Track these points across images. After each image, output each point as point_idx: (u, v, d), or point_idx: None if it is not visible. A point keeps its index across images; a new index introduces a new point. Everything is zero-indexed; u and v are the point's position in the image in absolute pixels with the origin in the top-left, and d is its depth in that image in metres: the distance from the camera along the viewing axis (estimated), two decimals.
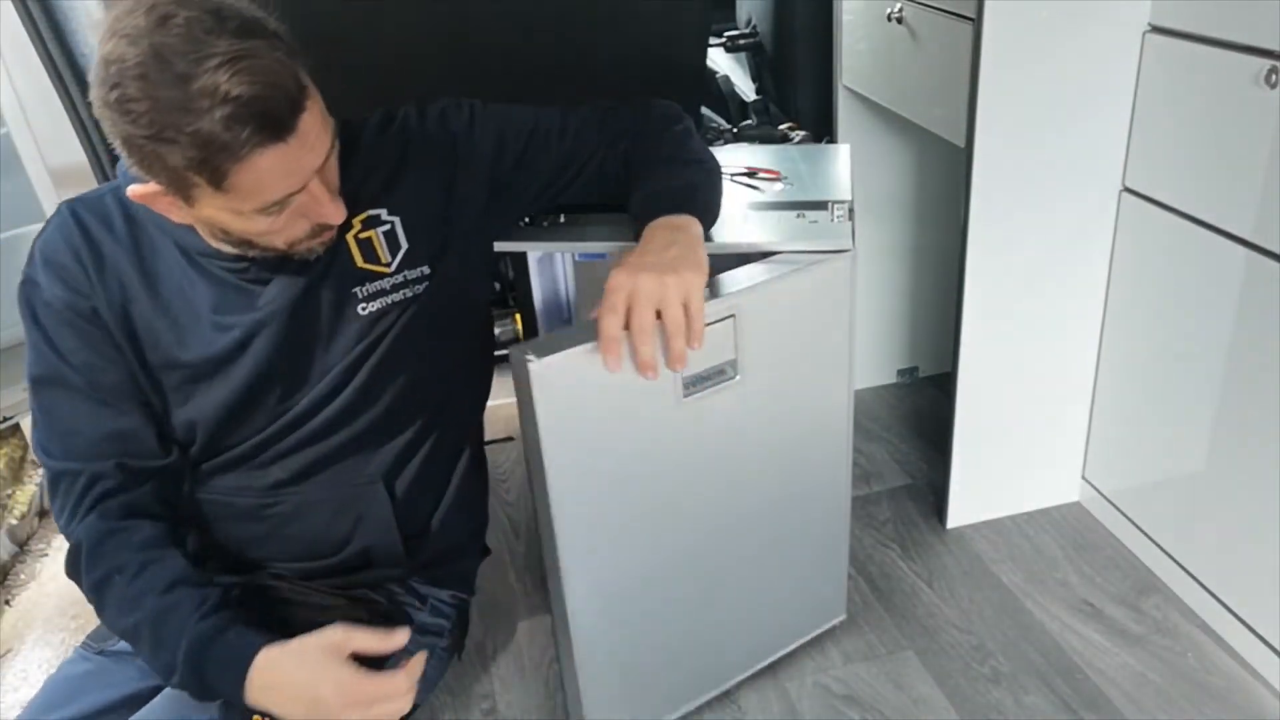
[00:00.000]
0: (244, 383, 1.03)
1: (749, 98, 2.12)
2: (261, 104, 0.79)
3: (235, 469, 1.09)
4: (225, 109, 0.78)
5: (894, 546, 1.56)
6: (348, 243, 1.03)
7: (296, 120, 0.83)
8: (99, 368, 1.01)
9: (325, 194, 0.91)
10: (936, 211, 1.83)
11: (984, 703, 1.28)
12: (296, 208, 0.89)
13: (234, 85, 0.78)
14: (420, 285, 1.07)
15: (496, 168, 1.10)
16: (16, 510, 1.81)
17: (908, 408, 1.93)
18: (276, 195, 0.86)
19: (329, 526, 1.12)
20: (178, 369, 1.02)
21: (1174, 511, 1.41)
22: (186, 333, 1.01)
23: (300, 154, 0.85)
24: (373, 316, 1.05)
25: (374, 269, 1.04)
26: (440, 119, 1.10)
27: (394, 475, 1.13)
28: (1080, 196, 1.37)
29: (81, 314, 0.99)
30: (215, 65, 0.78)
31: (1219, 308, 1.23)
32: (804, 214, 1.20)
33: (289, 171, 0.85)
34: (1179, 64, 1.23)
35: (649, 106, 1.17)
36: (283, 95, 0.81)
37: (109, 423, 1.02)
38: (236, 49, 0.79)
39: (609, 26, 1.55)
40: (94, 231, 1.00)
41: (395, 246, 1.05)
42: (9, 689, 1.45)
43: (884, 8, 1.50)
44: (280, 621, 1.10)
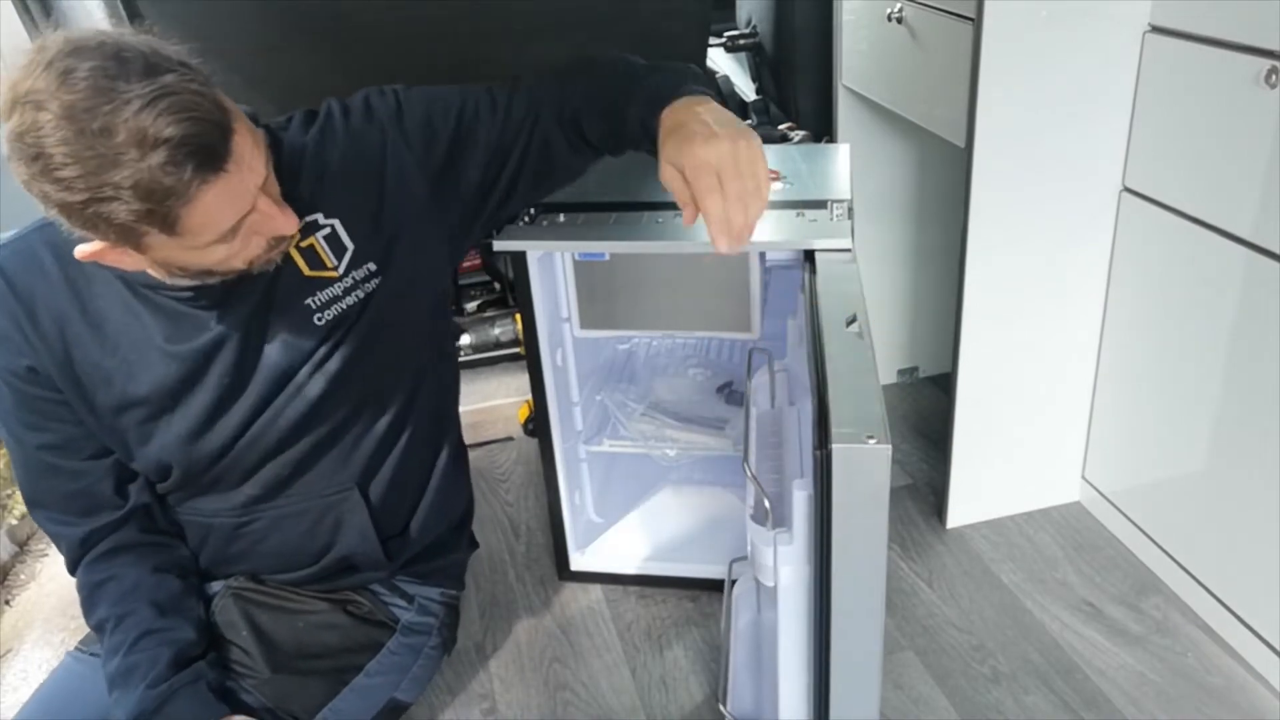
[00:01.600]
0: (205, 409, 1.01)
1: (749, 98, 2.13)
2: (194, 140, 0.77)
3: (207, 493, 1.09)
4: (159, 154, 0.75)
5: (894, 546, 1.56)
6: (290, 253, 1.00)
7: (229, 146, 0.80)
8: (43, 428, 1.01)
9: (273, 207, 0.89)
10: (936, 211, 1.83)
11: (984, 703, 1.28)
12: (249, 227, 0.88)
13: (160, 127, 0.75)
14: (371, 283, 1.04)
15: (431, 151, 1.06)
16: (16, 510, 1.81)
17: (908, 408, 1.93)
18: (228, 224, 0.84)
19: (307, 537, 1.12)
20: (135, 407, 1.01)
21: (1174, 511, 1.41)
22: (138, 368, 0.99)
23: (241, 178, 0.83)
24: (330, 324, 1.03)
25: (322, 275, 1.02)
26: (365, 111, 1.06)
27: (369, 479, 1.12)
28: (1080, 196, 1.37)
29: (18, 374, 0.98)
30: (134, 111, 0.75)
31: (1219, 308, 1.23)
32: (804, 213, 1.20)
33: (235, 197, 0.83)
34: (1179, 64, 1.23)
35: (564, 64, 1.09)
36: (211, 125, 0.78)
37: (66, 484, 1.05)
38: (150, 89, 0.75)
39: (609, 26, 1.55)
40: (20, 282, 0.96)
41: (340, 249, 1.02)
42: (9, 689, 1.45)
43: (884, 8, 1.50)
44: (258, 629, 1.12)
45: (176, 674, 1.02)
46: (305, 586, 1.17)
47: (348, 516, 1.11)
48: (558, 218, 1.27)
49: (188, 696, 1.02)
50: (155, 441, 1.03)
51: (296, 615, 1.16)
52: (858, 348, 0.90)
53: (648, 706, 1.32)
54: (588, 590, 1.53)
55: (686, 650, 1.40)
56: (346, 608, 1.18)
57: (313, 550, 1.13)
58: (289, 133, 1.03)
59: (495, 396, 2.00)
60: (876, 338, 0.94)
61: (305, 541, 1.12)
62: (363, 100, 1.06)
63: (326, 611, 1.17)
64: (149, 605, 1.05)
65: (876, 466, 0.77)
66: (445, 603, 1.28)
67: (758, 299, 1.32)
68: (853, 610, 0.84)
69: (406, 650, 1.22)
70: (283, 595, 1.16)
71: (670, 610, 1.48)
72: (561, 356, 1.42)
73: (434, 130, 1.06)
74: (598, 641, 1.43)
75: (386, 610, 1.21)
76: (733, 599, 1.36)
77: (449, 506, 1.25)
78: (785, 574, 0.96)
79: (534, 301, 1.30)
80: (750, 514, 1.02)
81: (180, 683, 1.02)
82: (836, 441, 0.77)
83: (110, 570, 1.07)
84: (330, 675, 1.14)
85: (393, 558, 1.17)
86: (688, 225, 0.89)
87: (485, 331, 2.05)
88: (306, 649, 1.14)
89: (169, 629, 1.05)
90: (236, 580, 1.16)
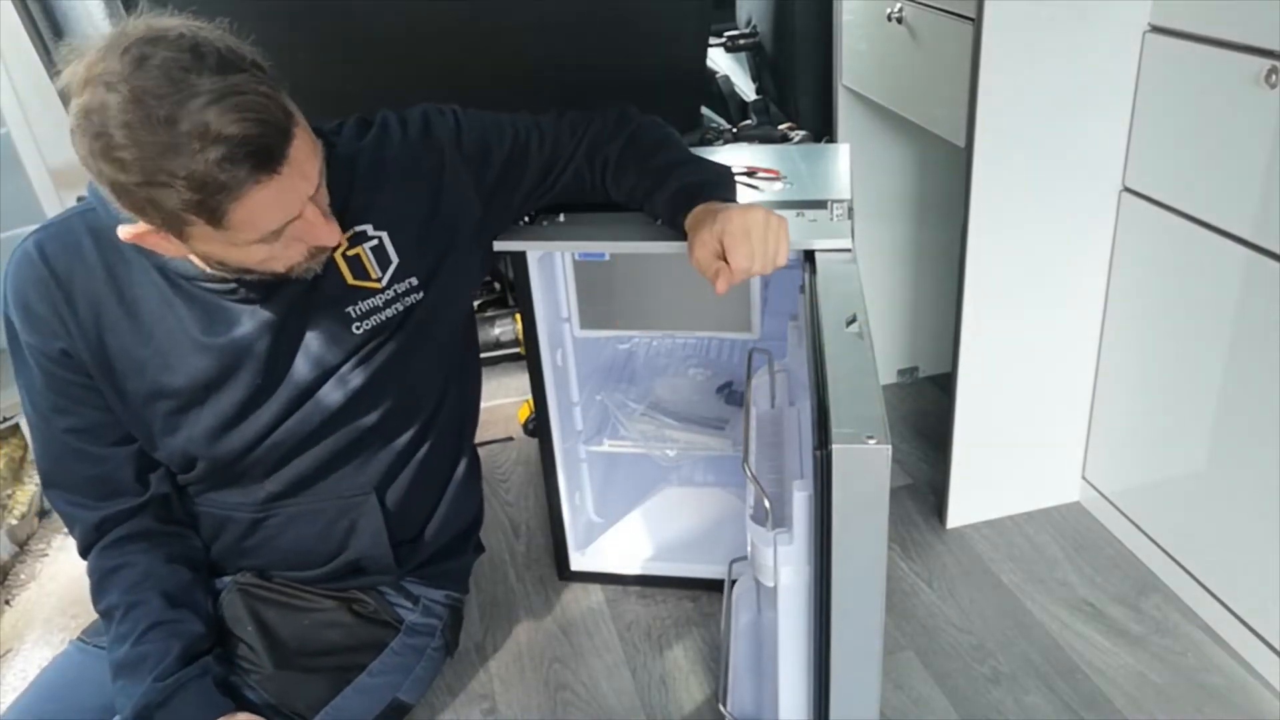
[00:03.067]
0: (234, 405, 1.02)
1: (749, 98, 2.13)
2: (254, 140, 0.78)
3: (228, 486, 1.09)
4: (218, 149, 0.77)
5: (894, 546, 1.56)
6: (335, 260, 1.01)
7: (287, 150, 0.82)
8: (70, 411, 1.02)
9: (319, 217, 0.90)
10: (936, 211, 1.83)
11: (984, 703, 1.28)
12: (292, 233, 0.88)
13: (224, 124, 0.76)
14: (413, 297, 1.06)
15: (484, 175, 1.10)
16: (16, 510, 1.81)
17: (908, 408, 1.93)
18: (273, 225, 0.85)
19: (321, 537, 1.12)
20: (165, 398, 1.01)
21: (1174, 511, 1.41)
22: (172, 358, 0.99)
23: (294, 183, 0.84)
24: (367, 334, 1.04)
25: (365, 285, 1.03)
26: (424, 127, 1.08)
27: (386, 485, 1.13)
28: (1080, 196, 1.37)
29: (50, 357, 0.98)
30: (201, 105, 0.76)
31: (1219, 308, 1.23)
32: (804, 213, 1.20)
33: (284, 202, 0.84)
34: (1179, 64, 1.23)
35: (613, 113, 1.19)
36: (273, 128, 0.80)
37: (89, 468, 1.05)
38: (220, 86, 0.77)
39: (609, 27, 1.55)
40: (60, 264, 0.97)
41: (385, 261, 1.04)
42: (9, 689, 1.45)
43: (884, 8, 1.50)
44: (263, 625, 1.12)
45: (184, 668, 1.02)
46: (313, 585, 1.17)
47: (362, 520, 1.12)
48: (558, 218, 1.27)
49: (194, 691, 1.02)
50: (182, 434, 1.03)
51: (302, 612, 1.16)
52: (858, 348, 0.90)
53: (648, 706, 1.32)
54: (588, 590, 1.53)
55: (686, 650, 1.40)
56: (352, 606, 1.18)
57: (325, 551, 1.13)
58: (341, 140, 1.04)
59: (495, 396, 2.00)
60: (876, 338, 0.94)
61: (319, 542, 1.13)
62: (421, 116, 1.09)
63: (332, 610, 1.17)
64: (159, 595, 1.05)
65: (876, 466, 0.77)
66: (449, 605, 1.28)
67: (758, 299, 1.32)
68: (853, 610, 0.84)
69: (410, 651, 1.22)
70: (289, 592, 1.16)
71: (670, 610, 1.48)
72: (561, 356, 1.42)
73: (489, 153, 1.10)
74: (598, 642, 1.43)
75: (391, 610, 1.21)
76: (733, 599, 1.36)
77: (461, 515, 1.26)
78: (785, 574, 0.96)
79: (534, 301, 1.30)
80: (750, 514, 1.02)
81: (187, 677, 1.02)
82: (836, 441, 0.77)
83: (123, 557, 1.06)
84: (334, 673, 1.14)
85: (402, 563, 1.18)
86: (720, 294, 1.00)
87: (485, 331, 2.05)
88: (310, 646, 1.14)
89: (178, 621, 1.05)
90: (244, 576, 1.17)
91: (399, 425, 1.11)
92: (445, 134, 1.08)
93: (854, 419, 0.79)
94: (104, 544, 1.07)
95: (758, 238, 0.97)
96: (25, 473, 1.92)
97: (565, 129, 1.15)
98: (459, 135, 1.09)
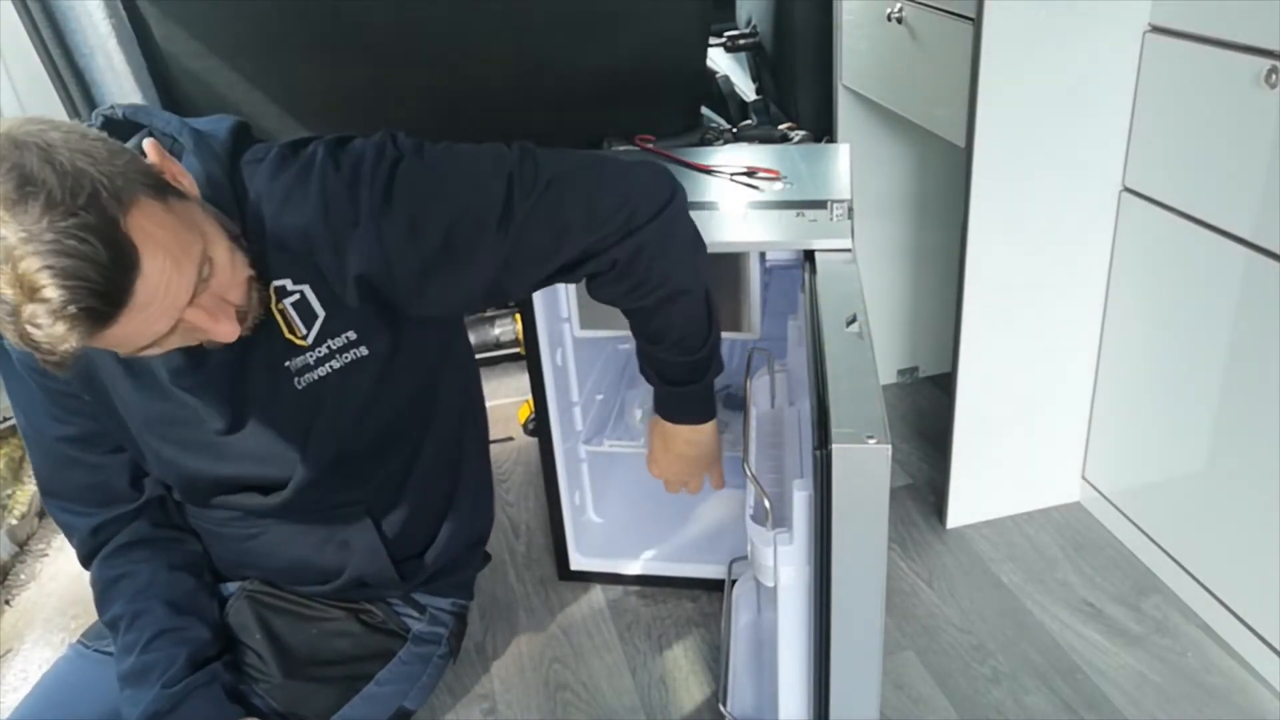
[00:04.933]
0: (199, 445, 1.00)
1: (749, 98, 2.12)
2: (80, 303, 0.69)
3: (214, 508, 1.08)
4: (39, 316, 0.68)
5: (894, 546, 1.56)
6: (274, 313, 0.94)
7: (129, 289, 0.72)
8: (65, 421, 1.01)
9: (205, 318, 0.81)
10: (936, 211, 1.83)
11: (984, 703, 1.28)
12: (183, 334, 0.82)
13: (42, 283, 0.67)
14: (353, 352, 0.97)
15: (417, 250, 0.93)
16: (16, 510, 1.81)
17: (908, 408, 1.93)
18: (143, 344, 0.79)
19: (316, 554, 1.11)
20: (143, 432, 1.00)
21: (1174, 511, 1.41)
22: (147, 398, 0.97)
23: (145, 310, 0.75)
24: (310, 390, 0.97)
25: (295, 342, 0.95)
26: (353, 178, 0.91)
27: (380, 503, 1.10)
28: (1080, 196, 1.37)
29: (37, 369, 0.96)
30: (22, 256, 0.67)
31: (1219, 308, 1.23)
32: (804, 213, 1.20)
33: (139, 331, 0.76)
34: (1179, 64, 1.23)
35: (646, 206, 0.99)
36: (101, 278, 0.69)
37: (84, 476, 1.05)
38: (42, 235, 0.67)
39: (610, 26, 1.55)
40: None
41: (310, 316, 0.94)
42: (9, 689, 1.45)
43: (884, 8, 1.50)
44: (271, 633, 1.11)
45: (192, 674, 1.02)
46: (320, 598, 1.17)
47: (356, 539, 1.10)
48: None
49: (202, 698, 1.02)
50: (158, 465, 1.03)
51: (310, 621, 1.15)
52: (858, 348, 0.90)
53: (648, 706, 1.32)
54: (588, 590, 1.53)
55: (686, 650, 1.40)
56: (359, 616, 1.18)
57: (324, 567, 1.12)
58: (257, 178, 0.91)
59: (495, 396, 2.00)
60: (876, 338, 0.94)
61: (314, 558, 1.11)
62: (353, 162, 0.92)
63: (340, 619, 1.16)
64: (163, 604, 1.05)
65: (876, 466, 0.77)
66: (455, 613, 1.28)
67: (758, 299, 1.32)
68: (853, 610, 0.84)
69: (417, 660, 1.22)
70: (297, 600, 1.16)
71: (670, 610, 1.48)
72: (561, 356, 1.42)
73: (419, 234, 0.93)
74: (598, 642, 1.43)
75: (399, 620, 1.21)
76: (733, 599, 1.36)
77: (468, 532, 1.24)
78: (785, 574, 0.96)
79: (534, 301, 1.30)
80: (750, 514, 1.02)
81: (195, 684, 1.02)
82: (836, 441, 0.77)
83: (125, 566, 1.06)
84: (341, 683, 1.14)
85: (407, 579, 1.17)
86: None
87: (485, 331, 2.05)
88: (319, 655, 1.14)
89: (184, 628, 1.05)
90: (251, 583, 1.16)
91: (382, 455, 1.07)
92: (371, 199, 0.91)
93: (854, 419, 0.79)
94: (105, 553, 1.07)
95: (674, 472, 1.21)
96: (25, 473, 1.92)
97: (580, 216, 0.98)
98: (388, 204, 0.91)
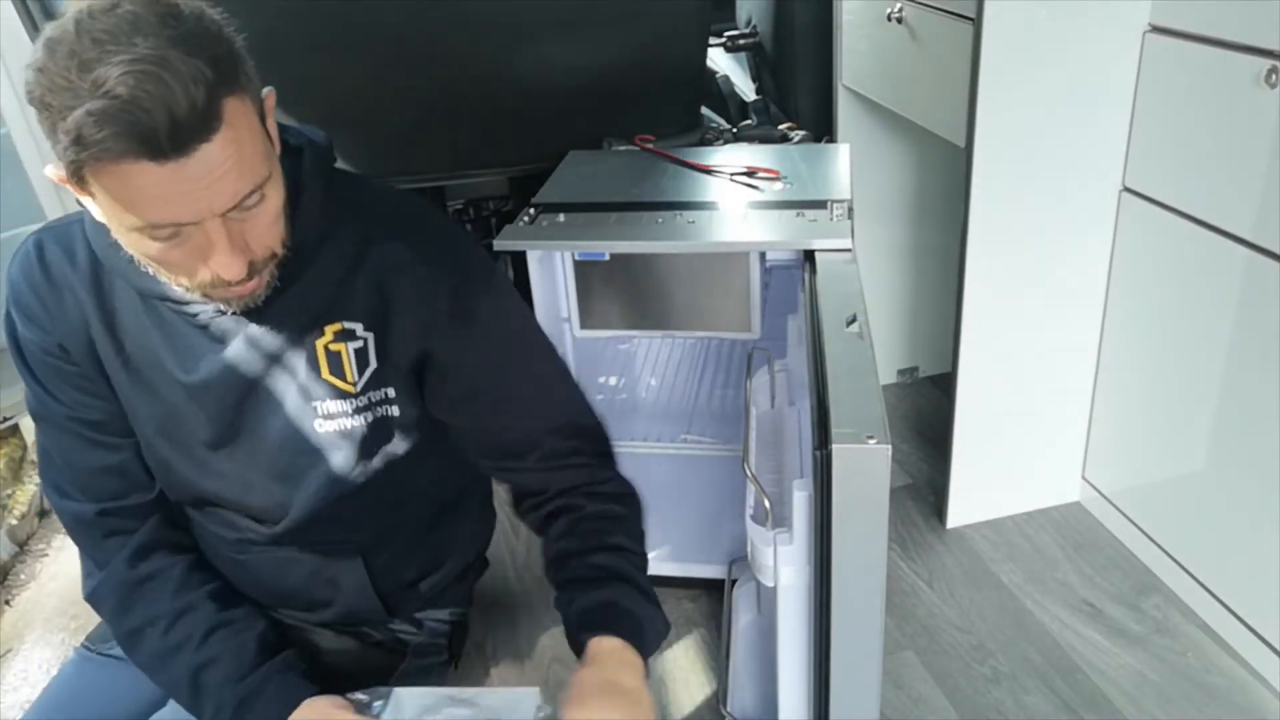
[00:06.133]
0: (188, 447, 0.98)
1: (749, 98, 2.13)
2: (135, 113, 0.71)
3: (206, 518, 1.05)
4: (97, 104, 0.71)
5: (894, 546, 1.56)
6: (315, 348, 0.94)
7: (186, 147, 0.74)
8: (83, 404, 0.98)
9: (224, 240, 0.80)
10: (936, 211, 1.83)
11: (984, 703, 1.28)
12: (191, 248, 0.81)
13: (119, 85, 0.71)
14: (389, 408, 0.98)
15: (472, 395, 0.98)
16: (16, 510, 1.81)
17: (908, 408, 1.93)
18: (158, 218, 0.78)
19: (303, 587, 1.08)
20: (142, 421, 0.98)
21: (1174, 511, 1.41)
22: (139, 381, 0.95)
23: (187, 184, 0.75)
24: (330, 435, 0.96)
25: (338, 384, 0.95)
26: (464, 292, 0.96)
27: (374, 545, 1.08)
28: (1080, 196, 1.37)
29: (51, 352, 0.96)
30: (118, 61, 0.71)
31: (1219, 308, 1.23)
32: (803, 213, 1.20)
33: (169, 197, 0.76)
34: (1179, 64, 1.23)
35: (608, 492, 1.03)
36: (166, 112, 0.72)
37: (103, 459, 1.00)
38: (151, 54, 0.72)
39: (610, 26, 1.55)
40: (55, 264, 0.94)
41: (364, 364, 0.95)
42: (9, 689, 1.45)
43: (884, 8, 1.50)
44: None
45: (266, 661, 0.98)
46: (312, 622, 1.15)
47: (344, 578, 1.08)
48: (558, 218, 1.27)
49: (282, 684, 0.96)
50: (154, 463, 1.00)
51: (309, 642, 1.14)
52: (858, 348, 0.90)
53: None
54: None
55: (686, 650, 1.40)
56: (356, 635, 1.17)
57: (311, 600, 1.09)
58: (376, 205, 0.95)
59: None
60: (876, 338, 0.94)
61: (301, 590, 1.08)
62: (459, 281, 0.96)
63: (336, 639, 1.16)
64: (209, 599, 1.00)
65: (876, 466, 0.77)
66: (454, 622, 1.27)
67: (758, 299, 1.32)
68: (853, 610, 0.84)
69: (418, 672, 1.20)
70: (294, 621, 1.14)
71: (670, 610, 1.47)
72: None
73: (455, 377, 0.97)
74: None
75: (395, 637, 1.20)
76: (733, 599, 1.36)
77: (469, 554, 1.22)
78: (785, 574, 0.96)
79: (534, 301, 1.30)
80: (750, 514, 1.02)
81: (274, 669, 0.97)
82: (836, 441, 0.77)
83: (149, 568, 1.00)
84: None
85: (399, 609, 1.15)
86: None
87: None
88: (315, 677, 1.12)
89: (238, 620, 1.00)
90: None
91: (380, 498, 1.04)
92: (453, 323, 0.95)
93: (854, 419, 0.79)
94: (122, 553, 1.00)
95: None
96: (25, 473, 1.92)
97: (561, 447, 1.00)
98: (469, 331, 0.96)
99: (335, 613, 1.11)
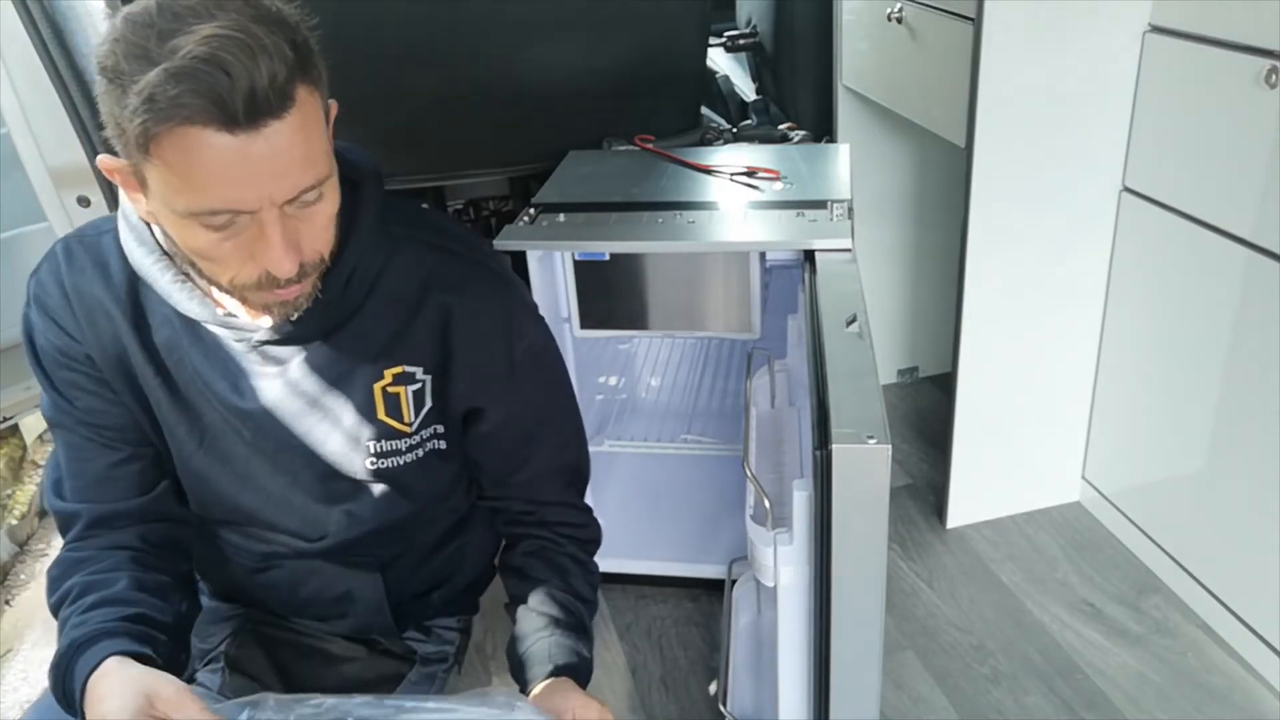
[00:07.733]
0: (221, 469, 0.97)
1: (749, 98, 2.13)
2: (214, 73, 0.70)
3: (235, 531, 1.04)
4: (175, 64, 0.70)
5: (894, 546, 1.56)
6: (373, 391, 0.94)
7: (259, 120, 0.73)
8: (99, 410, 0.95)
9: (278, 235, 0.79)
10: (936, 211, 1.83)
11: (984, 703, 1.28)
12: (243, 241, 0.79)
13: (201, 46, 0.70)
14: (438, 444, 1.00)
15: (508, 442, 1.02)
16: (16, 510, 1.81)
17: (908, 408, 1.93)
18: (218, 202, 0.76)
19: (317, 598, 1.08)
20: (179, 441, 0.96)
21: (1174, 511, 1.41)
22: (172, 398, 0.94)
23: (253, 162, 0.74)
24: (378, 471, 0.97)
25: (394, 425, 0.96)
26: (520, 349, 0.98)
27: (391, 562, 1.08)
28: (1080, 196, 1.37)
29: (75, 359, 0.93)
30: (200, 29, 0.71)
31: (1219, 308, 1.23)
32: (803, 213, 1.20)
33: (233, 179, 0.74)
34: (1179, 64, 1.23)
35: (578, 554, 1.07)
36: (246, 80, 0.71)
37: (113, 465, 0.98)
38: (234, 23, 0.72)
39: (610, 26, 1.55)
40: (86, 274, 0.92)
41: (420, 404, 0.97)
42: (9, 689, 1.45)
43: (884, 8, 1.50)
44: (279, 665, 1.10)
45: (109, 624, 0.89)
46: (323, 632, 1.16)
47: (361, 592, 1.07)
48: (558, 218, 1.28)
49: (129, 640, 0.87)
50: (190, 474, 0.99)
51: (316, 650, 1.14)
52: (858, 348, 0.90)
53: (648, 706, 1.32)
54: None
55: (686, 650, 1.40)
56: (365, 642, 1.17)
57: (325, 613, 1.09)
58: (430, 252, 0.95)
59: None
60: (876, 338, 0.94)
61: (315, 601, 1.07)
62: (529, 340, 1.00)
63: (345, 645, 1.16)
64: (127, 578, 0.93)
65: (876, 466, 0.77)
66: (461, 628, 1.27)
67: (758, 299, 1.32)
68: (853, 610, 0.84)
69: (425, 679, 1.20)
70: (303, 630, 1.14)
71: (670, 610, 1.48)
72: None
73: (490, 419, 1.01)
74: (597, 641, 1.42)
75: (403, 644, 1.20)
76: (733, 599, 1.36)
77: (481, 561, 1.23)
78: (785, 574, 0.96)
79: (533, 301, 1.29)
80: (750, 514, 1.02)
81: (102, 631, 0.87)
82: (836, 441, 0.77)
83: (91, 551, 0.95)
84: None
85: (410, 620, 1.15)
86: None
87: None
88: (325, 684, 1.11)
89: (137, 604, 0.92)
90: (254, 612, 1.14)
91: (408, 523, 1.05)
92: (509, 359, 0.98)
93: (854, 419, 0.79)
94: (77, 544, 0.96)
95: None
96: (25, 473, 1.92)
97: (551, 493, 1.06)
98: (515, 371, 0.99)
99: (349, 625, 1.11)
